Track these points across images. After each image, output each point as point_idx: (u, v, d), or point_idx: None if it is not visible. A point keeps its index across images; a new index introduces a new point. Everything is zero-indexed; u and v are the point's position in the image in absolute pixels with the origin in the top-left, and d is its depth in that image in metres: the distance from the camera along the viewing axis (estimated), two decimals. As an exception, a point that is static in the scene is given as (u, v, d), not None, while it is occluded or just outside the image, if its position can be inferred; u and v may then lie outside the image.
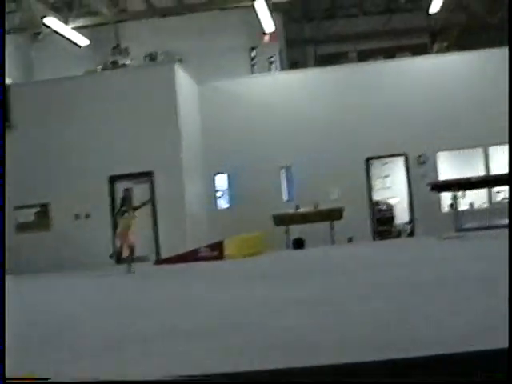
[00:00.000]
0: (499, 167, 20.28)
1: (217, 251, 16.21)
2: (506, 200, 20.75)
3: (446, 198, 18.89)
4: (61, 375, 3.81)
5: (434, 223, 18.36)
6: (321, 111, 20.27)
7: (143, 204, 15.78)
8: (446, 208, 19.55)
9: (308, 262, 14.22)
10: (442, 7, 19.79)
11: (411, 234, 20.37)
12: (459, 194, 17.79)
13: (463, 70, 20.51)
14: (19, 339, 4.93)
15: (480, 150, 20.28)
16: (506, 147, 20.68)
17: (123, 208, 14.76)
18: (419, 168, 20.14)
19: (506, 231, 14.88)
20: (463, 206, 19.25)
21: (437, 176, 19.86)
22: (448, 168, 20.37)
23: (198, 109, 20.66)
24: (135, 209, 14.99)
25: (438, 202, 19.77)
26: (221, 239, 16.66)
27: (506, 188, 20.34)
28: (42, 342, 5.45)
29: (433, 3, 19.12)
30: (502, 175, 18.72)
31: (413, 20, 23.27)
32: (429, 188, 17.88)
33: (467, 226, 17.19)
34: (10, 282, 3.66)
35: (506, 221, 17.31)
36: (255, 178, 19.98)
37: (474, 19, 23.38)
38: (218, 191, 21.11)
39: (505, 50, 20.59)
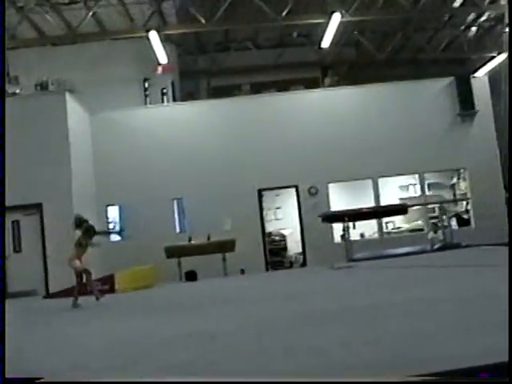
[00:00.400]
0: (388, 198, 20.87)
1: (108, 284, 15.87)
2: (395, 230, 21.35)
3: (338, 228, 19.23)
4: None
5: (326, 253, 18.60)
6: (214, 143, 20.31)
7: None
8: (337, 238, 19.90)
9: (194, 294, 14.09)
10: (333, 42, 20.27)
11: (303, 265, 20.57)
12: (350, 224, 18.12)
13: (353, 104, 21.03)
14: None
15: (370, 182, 20.77)
16: (395, 179, 21.38)
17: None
18: (310, 199, 20.44)
19: (396, 261, 15.25)
20: (354, 236, 19.64)
21: (328, 207, 20.20)
22: (339, 199, 20.76)
23: (90, 139, 20.30)
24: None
25: (330, 232, 20.08)
26: (113, 272, 16.34)
27: (394, 218, 20.93)
28: None
29: (324, 38, 19.53)
30: (390, 206, 19.25)
31: (305, 54, 23.73)
32: (320, 219, 18.15)
33: (358, 256, 17.51)
34: None
35: (397, 250, 17.78)
36: (148, 210, 19.76)
37: (364, 55, 24.09)
38: (109, 223, 20.74)
39: (394, 85, 21.35)
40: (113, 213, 20.72)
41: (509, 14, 7.91)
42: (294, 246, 21.54)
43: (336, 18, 17.97)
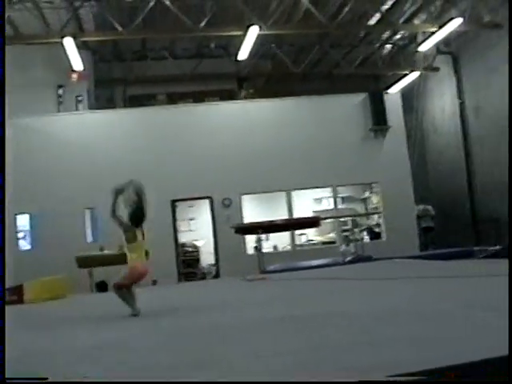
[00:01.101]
0: (302, 211, 21.07)
1: (16, 295, 15.44)
2: (308, 243, 21.56)
3: (251, 240, 19.29)
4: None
5: (239, 265, 18.59)
6: (128, 152, 20.06)
7: None
8: (250, 250, 19.94)
9: (101, 305, 13.83)
10: (250, 55, 20.39)
11: (216, 276, 20.52)
12: (263, 236, 18.19)
13: (268, 117, 21.15)
14: None
15: (283, 194, 20.92)
16: (309, 191, 21.61)
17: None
18: (224, 211, 20.43)
19: (308, 273, 15.35)
20: (267, 248, 19.73)
21: (241, 219, 20.23)
22: (253, 211, 20.84)
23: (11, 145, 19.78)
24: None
25: (243, 244, 20.12)
26: (22, 282, 15.91)
27: (307, 231, 21.13)
28: None
29: (241, 51, 19.63)
30: (303, 219, 19.41)
31: (222, 65, 23.79)
32: (233, 230, 18.15)
33: (271, 267, 17.55)
34: None
35: (309, 263, 17.90)
36: (60, 219, 19.33)
37: (280, 68, 24.31)
38: (19, 232, 20.23)
39: (309, 99, 21.60)
40: (23, 221, 20.21)
41: (509, 14, 8.10)
42: (207, 257, 21.49)
43: (253, 31, 18.08)
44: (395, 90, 23.23)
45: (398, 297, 7.94)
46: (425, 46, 20.99)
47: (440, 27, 19.30)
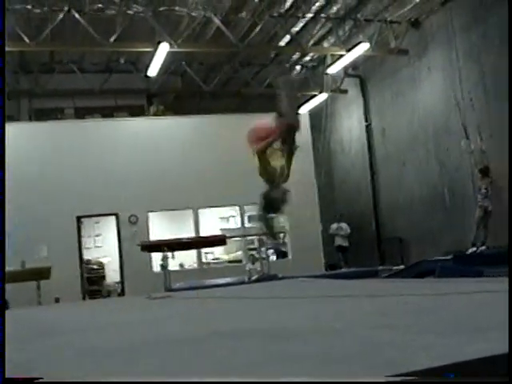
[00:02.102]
0: (209, 229, 21.02)
1: None
2: (215, 261, 21.52)
3: (158, 258, 19.10)
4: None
5: (145, 283, 18.37)
6: (34, 166, 19.62)
7: None
8: (156, 268, 19.74)
9: None
10: (160, 71, 20.31)
11: (122, 294, 20.23)
12: (169, 254, 18.03)
13: (177, 134, 21.08)
14: None
15: (191, 212, 20.85)
16: (216, 210, 21.62)
17: None
18: (131, 228, 20.21)
19: (213, 291, 15.30)
20: (173, 266, 19.57)
21: (148, 236, 20.04)
22: (161, 229, 20.68)
23: None
24: None
25: (149, 261, 19.93)
26: None
27: (214, 249, 21.09)
28: None
29: (151, 67, 19.52)
30: (209, 237, 19.32)
31: (131, 81, 23.55)
32: (139, 248, 17.93)
33: (177, 286, 17.41)
34: None
35: (215, 281, 17.84)
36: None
37: (190, 86, 24.28)
38: None
39: (217, 117, 21.66)
40: None
41: (509, 14, 8.23)
42: (113, 275, 21.18)
43: (163, 48, 18.03)
44: (304, 110, 23.53)
45: (295, 315, 7.98)
46: (333, 69, 21.39)
47: (348, 51, 19.71)
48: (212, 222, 21.75)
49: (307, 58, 24.44)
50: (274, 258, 21.30)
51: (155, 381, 2.99)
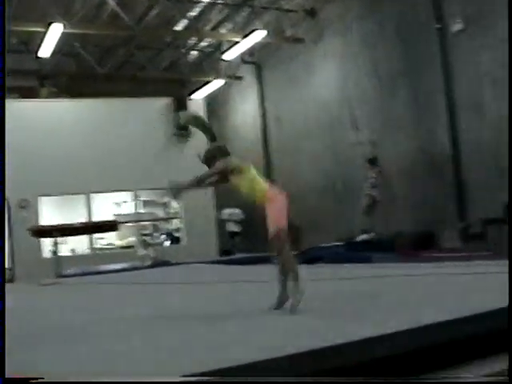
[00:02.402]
0: (103, 214, 20.73)
1: None
2: (108, 246, 21.25)
3: (49, 243, 18.70)
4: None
5: (36, 269, 17.97)
6: None
7: None
8: (47, 253, 19.33)
9: None
10: (53, 53, 19.75)
11: (11, 280, 19.68)
12: (61, 239, 17.69)
13: (69, 117, 20.68)
14: None
15: (83, 197, 20.51)
16: (110, 195, 21.34)
17: None
18: (21, 212, 19.70)
19: (105, 277, 15.11)
20: (65, 252, 19.21)
21: (38, 221, 19.59)
22: (54, 213, 20.25)
23: None
24: None
25: (40, 247, 19.50)
26: None
27: (107, 235, 20.80)
28: None
29: (42, 48, 18.96)
30: (100, 222, 19.07)
31: (22, 61, 22.83)
32: (29, 233, 17.51)
33: (68, 272, 17.11)
34: None
35: (108, 267, 17.63)
36: None
37: (85, 68, 23.76)
38: None
39: (112, 101, 21.34)
40: None
41: (509, 14, 8.20)
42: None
43: (56, 29, 17.54)
44: (200, 96, 23.48)
45: (180, 300, 8.00)
46: (230, 55, 21.37)
47: (244, 37, 19.75)
48: (106, 207, 21.45)
49: (204, 44, 24.35)
50: (167, 243, 21.21)
51: (155, 381, 2.95)
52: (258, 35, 19.42)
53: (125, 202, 21.79)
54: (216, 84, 23.91)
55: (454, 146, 15.66)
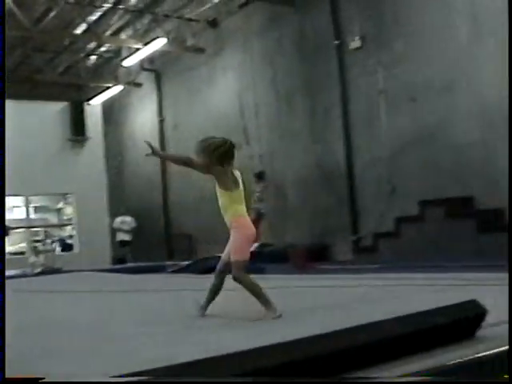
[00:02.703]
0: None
1: None
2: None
3: None
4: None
5: None
6: None
7: None
8: None
9: None
10: None
11: None
12: None
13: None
14: None
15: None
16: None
17: None
18: None
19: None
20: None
21: None
22: None
23: None
24: None
25: None
26: None
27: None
28: None
29: None
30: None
31: None
32: None
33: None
34: None
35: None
36: None
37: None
38: None
39: (8, 103, 20.72)
40: None
41: (509, 14, 8.14)
42: None
43: None
44: (97, 101, 23.14)
45: (66, 309, 7.84)
46: (129, 61, 21.17)
47: (145, 45, 19.61)
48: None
49: (103, 49, 24.01)
50: (59, 250, 20.75)
51: (155, 381, 2.84)
52: (159, 43, 19.33)
53: (16, 207, 21.19)
54: (114, 90, 23.63)
55: (348, 160, 16.03)
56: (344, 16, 16.29)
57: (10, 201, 21.10)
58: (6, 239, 19.66)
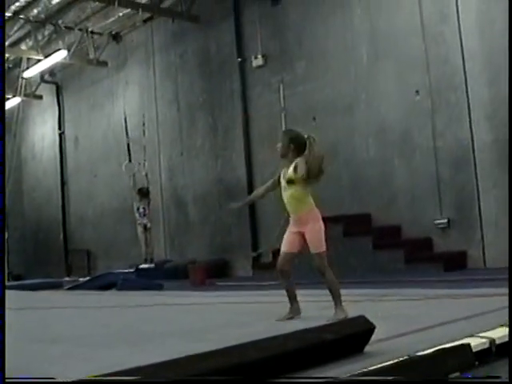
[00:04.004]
0: None
1: None
2: None
3: None
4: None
5: None
6: None
7: None
8: None
9: None
10: None
11: None
12: None
13: None
14: None
15: None
16: None
17: None
18: None
19: None
20: None
21: None
22: None
23: None
24: None
25: None
26: None
27: None
28: None
29: None
30: None
31: None
32: None
33: None
34: None
35: None
36: None
37: None
38: None
39: None
40: None
41: (509, 14, 8.00)
42: None
43: None
44: (-4, 112, 22.51)
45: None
46: (29, 73, 20.76)
47: (46, 56, 19.27)
48: None
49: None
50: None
51: (156, 380, 2.78)
52: (60, 55, 19.05)
53: None
54: (13, 102, 23.07)
55: (248, 177, 16.16)
56: (248, 34, 16.47)
57: None
58: None
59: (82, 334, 5.48)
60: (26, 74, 20.97)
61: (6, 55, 22.56)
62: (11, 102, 23.01)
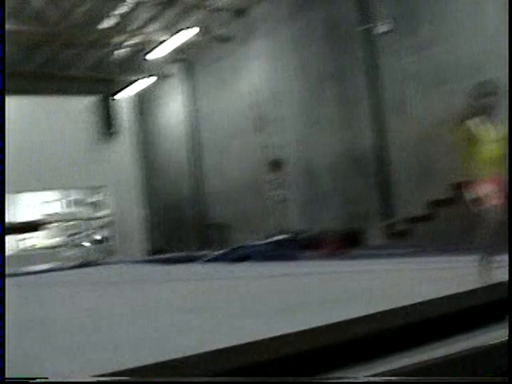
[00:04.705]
0: (33, 214, 20.31)
1: None
2: (37, 247, 20.83)
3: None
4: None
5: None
6: None
7: None
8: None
9: None
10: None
11: None
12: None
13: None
14: None
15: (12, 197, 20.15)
16: (40, 194, 20.90)
17: None
18: None
19: (31, 278, 14.83)
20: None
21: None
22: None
23: None
24: None
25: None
26: None
27: (35, 234, 20.42)
28: None
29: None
30: (20, 223, 18.60)
31: None
32: None
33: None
34: None
35: (34, 268, 17.29)
36: None
37: (9, 66, 23.15)
38: None
39: (39, 99, 20.90)
40: None
41: (509, 14, 8.21)
42: None
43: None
44: (128, 94, 23.24)
45: (104, 301, 7.94)
46: (159, 53, 21.22)
47: (172, 36, 19.63)
48: (33, 206, 21.03)
49: (132, 42, 24.01)
50: (95, 243, 20.95)
51: (156, 380, 2.91)
52: (188, 34, 19.35)
53: (53, 201, 21.42)
54: (146, 82, 23.71)
55: (379, 145, 15.92)
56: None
57: (44, 195, 21.38)
58: (40, 233, 19.95)
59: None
60: (156, 54, 21.44)
61: (137, 38, 23.21)
62: (144, 83, 23.66)
